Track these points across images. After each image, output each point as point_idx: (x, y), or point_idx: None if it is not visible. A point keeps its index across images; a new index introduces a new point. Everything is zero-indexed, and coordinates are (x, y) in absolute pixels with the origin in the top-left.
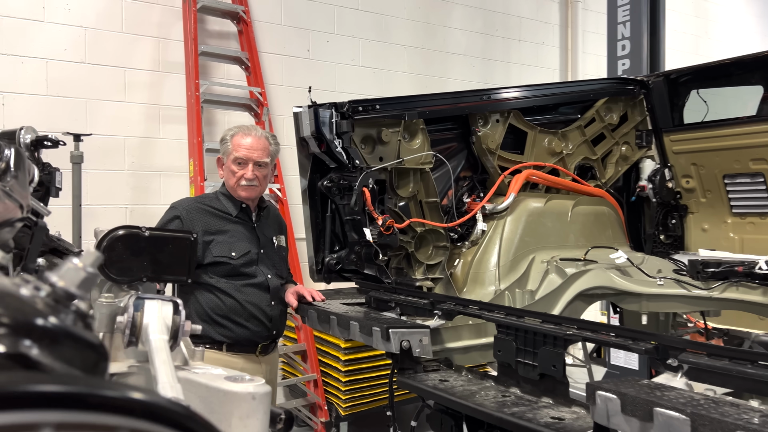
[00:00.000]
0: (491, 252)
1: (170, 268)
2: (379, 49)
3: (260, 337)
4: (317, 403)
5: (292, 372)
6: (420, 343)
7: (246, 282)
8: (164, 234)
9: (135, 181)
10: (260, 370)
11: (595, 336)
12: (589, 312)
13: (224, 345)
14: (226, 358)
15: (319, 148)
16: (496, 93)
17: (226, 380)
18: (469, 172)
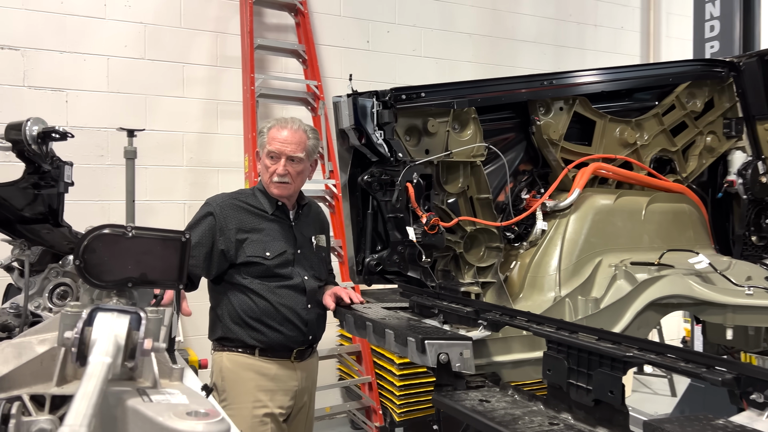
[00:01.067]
0: (552, 254)
1: (159, 271)
2: (443, 38)
3: (295, 342)
4: (372, 407)
5: (348, 373)
6: (460, 357)
7: (281, 284)
8: (151, 234)
9: (193, 176)
10: (295, 377)
11: (661, 360)
12: (671, 318)
13: (257, 349)
14: (258, 363)
15: (359, 140)
16: (559, 78)
17: (175, 415)
18: (529, 166)
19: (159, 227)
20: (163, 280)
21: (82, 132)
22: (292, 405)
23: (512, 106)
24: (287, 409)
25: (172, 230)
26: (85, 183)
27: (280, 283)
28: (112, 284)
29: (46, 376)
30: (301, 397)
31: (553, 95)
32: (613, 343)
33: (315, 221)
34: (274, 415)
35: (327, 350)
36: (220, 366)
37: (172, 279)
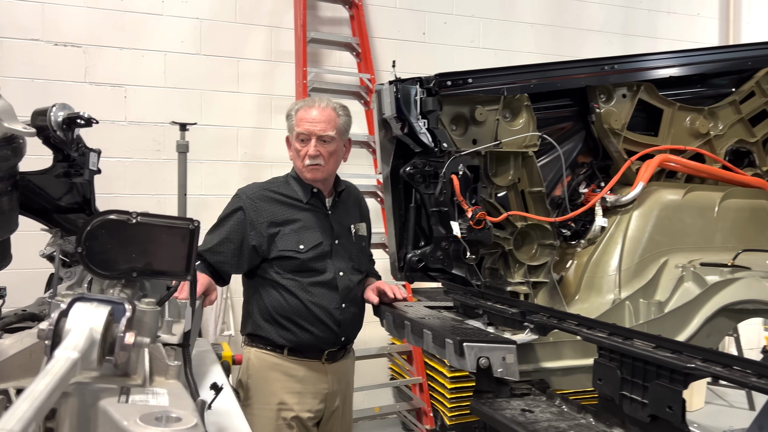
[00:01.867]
0: (612, 253)
1: (164, 261)
2: (502, 28)
3: (326, 344)
4: (422, 409)
5: (400, 373)
6: (502, 362)
7: (314, 280)
8: (157, 222)
9: (247, 171)
10: (325, 380)
11: (728, 373)
12: (750, 325)
13: (286, 349)
14: (286, 364)
15: (402, 129)
16: (622, 62)
17: (141, 420)
18: (588, 158)
19: (168, 214)
20: (170, 270)
21: (140, 126)
22: (322, 408)
23: (570, 93)
24: (317, 413)
25: (181, 217)
26: (142, 177)
27: (314, 279)
28: (116, 273)
29: (34, 370)
30: (333, 401)
31: (616, 81)
32: (673, 352)
33: (354, 208)
34: (301, 420)
35: (377, 349)
36: (247, 363)
37: (179, 269)
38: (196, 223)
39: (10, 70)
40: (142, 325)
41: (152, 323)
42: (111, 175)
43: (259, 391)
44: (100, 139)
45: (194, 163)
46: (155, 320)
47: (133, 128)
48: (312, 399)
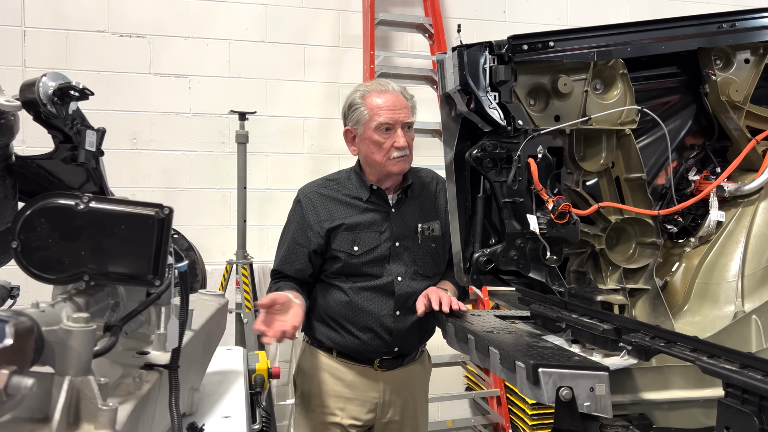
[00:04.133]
0: (731, 254)
1: (124, 260)
2: (593, 2)
3: (375, 352)
4: (500, 424)
5: (477, 384)
6: (590, 394)
7: (367, 284)
8: (114, 209)
9: (314, 164)
10: (377, 388)
11: None
12: None
13: (334, 351)
14: (335, 366)
15: (468, 105)
16: (744, 18)
17: None
18: (700, 139)
19: (135, 200)
20: (131, 273)
21: (204, 118)
22: (371, 419)
23: (677, 59)
24: (365, 422)
25: (150, 203)
26: (206, 170)
27: (367, 283)
28: (63, 277)
29: None
30: (385, 412)
31: (736, 42)
32: None
33: (428, 203)
34: (344, 427)
35: (449, 356)
36: (301, 359)
37: (143, 270)
38: (167, 210)
39: (77, 62)
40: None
41: (83, 349)
42: (175, 169)
43: (307, 391)
44: (166, 131)
45: (259, 155)
46: (87, 345)
47: (198, 120)
48: (359, 407)
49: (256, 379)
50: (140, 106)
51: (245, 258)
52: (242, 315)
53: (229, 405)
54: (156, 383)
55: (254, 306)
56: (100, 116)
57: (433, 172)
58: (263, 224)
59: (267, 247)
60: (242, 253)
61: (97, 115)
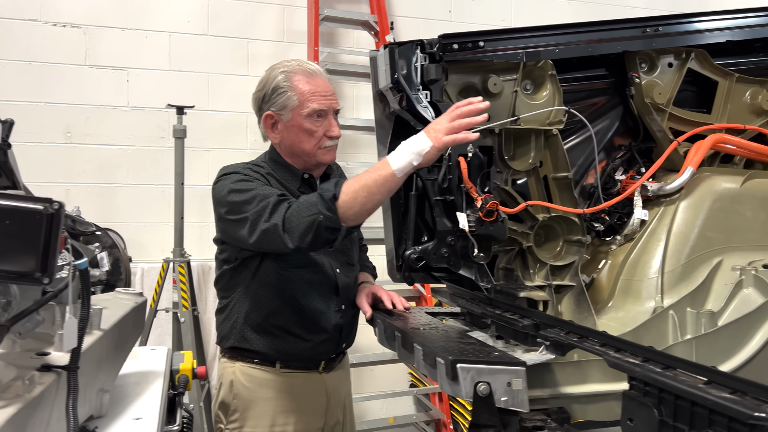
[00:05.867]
0: (653, 252)
1: (9, 257)
2: (536, 4)
3: (325, 352)
4: (442, 420)
5: (420, 381)
6: (507, 389)
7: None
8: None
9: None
10: (324, 392)
11: None
12: None
13: (278, 362)
14: (280, 379)
15: (400, 103)
16: (668, 23)
17: None
18: (626, 139)
19: (19, 193)
20: (18, 270)
21: (143, 112)
22: (322, 426)
23: (604, 61)
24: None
25: (37, 197)
26: (145, 166)
27: (314, 277)
28: None
29: None
30: (333, 414)
31: (660, 46)
32: (734, 392)
33: None
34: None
35: (393, 353)
36: (232, 381)
37: (30, 269)
38: (57, 205)
39: (5, 52)
40: None
41: None
42: (112, 164)
43: (249, 413)
44: (102, 125)
45: (200, 151)
46: None
47: (136, 114)
48: (311, 416)
49: (179, 380)
50: (75, 98)
51: (182, 256)
52: (179, 314)
53: (142, 406)
54: (52, 385)
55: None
56: (32, 108)
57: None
58: (204, 221)
59: (207, 246)
60: (179, 251)
61: (29, 108)
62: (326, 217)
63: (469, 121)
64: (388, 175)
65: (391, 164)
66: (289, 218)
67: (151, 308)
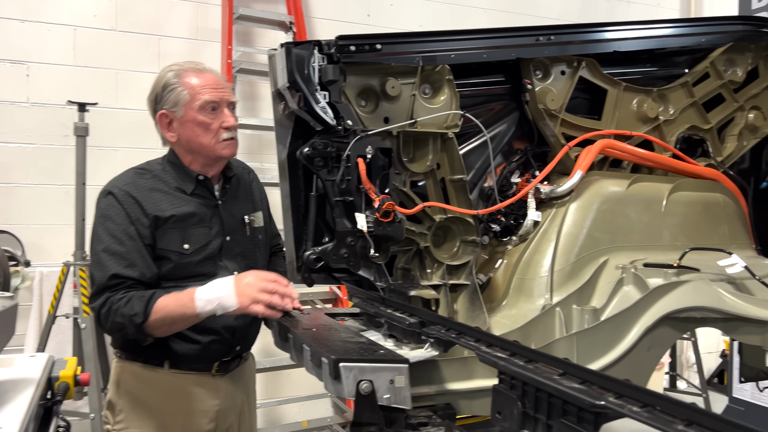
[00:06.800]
0: (544, 251)
1: None
2: (454, 12)
3: (217, 354)
4: None
5: None
6: (391, 386)
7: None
8: None
9: None
10: (216, 395)
11: (649, 415)
12: (707, 334)
13: (167, 362)
14: (167, 379)
15: (299, 103)
16: (560, 32)
17: None
18: (522, 143)
19: None
20: None
21: (44, 109)
22: (213, 429)
23: (502, 68)
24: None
25: None
26: (46, 165)
27: (203, 283)
28: None
29: None
30: (226, 419)
31: (552, 54)
32: (583, 383)
33: (246, 194)
34: None
35: None
36: (118, 380)
37: None
38: None
39: None
40: None
41: None
42: (10, 163)
43: (133, 413)
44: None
45: (108, 150)
46: None
47: (37, 110)
48: (200, 418)
49: (58, 387)
50: None
51: (84, 259)
52: (79, 320)
53: (5, 417)
54: None
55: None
56: None
57: (241, 162)
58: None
59: None
60: (81, 254)
61: None
62: (134, 333)
63: (279, 302)
64: (191, 314)
65: (196, 306)
66: (104, 314)
67: (50, 314)
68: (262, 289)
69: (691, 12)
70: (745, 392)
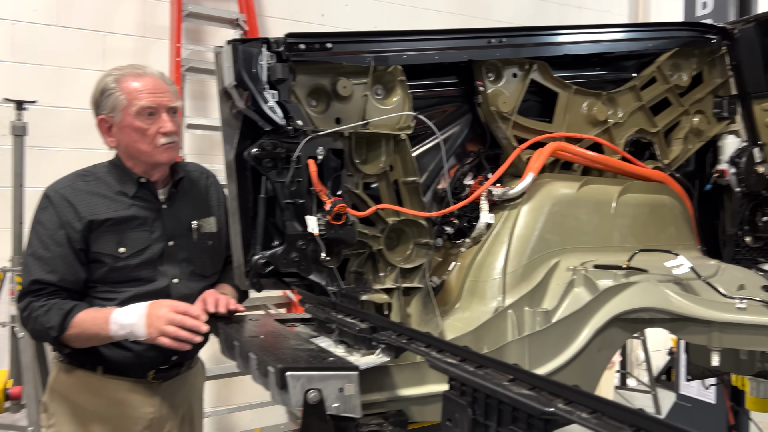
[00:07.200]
0: (497, 253)
1: None
2: (409, 14)
3: (151, 363)
4: None
5: None
6: (340, 395)
7: (138, 291)
8: None
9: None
10: (151, 402)
11: (598, 422)
12: (656, 332)
13: (100, 367)
14: (99, 384)
15: (246, 102)
16: (512, 35)
17: None
18: (475, 146)
19: None
20: None
21: None
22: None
23: (455, 70)
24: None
25: None
26: None
27: (139, 289)
28: None
29: None
30: (162, 427)
31: (504, 57)
32: (533, 388)
33: (201, 199)
34: None
35: None
36: (53, 382)
37: None
38: None
39: None
40: None
41: None
42: None
43: (63, 416)
44: None
45: (49, 150)
46: None
47: None
48: (132, 425)
49: None
50: None
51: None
52: (16, 329)
53: None
54: None
55: None
56: None
57: (201, 166)
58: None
59: None
60: (18, 260)
61: None
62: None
63: (185, 335)
64: (104, 336)
65: (110, 329)
66: (24, 318)
67: None
68: (170, 321)
69: (638, 18)
70: (691, 389)
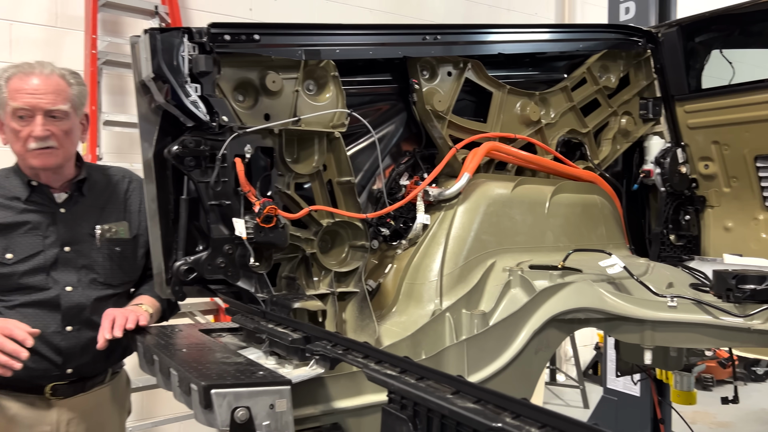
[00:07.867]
0: (434, 255)
1: None
2: (339, 11)
3: (44, 377)
4: None
5: None
6: (271, 411)
7: (27, 299)
8: None
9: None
10: (48, 419)
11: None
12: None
13: None
14: None
15: (165, 96)
16: (447, 33)
17: None
18: (411, 145)
19: None
20: None
21: None
22: None
23: (390, 67)
24: None
25: None
26: None
27: (27, 298)
28: None
29: None
30: None
31: (438, 54)
32: (477, 401)
33: (114, 204)
34: None
35: None
36: None
37: None
38: None
39: None
40: None
41: None
42: None
43: None
44: None
45: None
46: None
47: None
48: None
49: None
50: None
51: None
52: None
53: None
54: None
55: None
56: None
57: (126, 171)
58: None
59: None
60: None
61: None
62: None
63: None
64: None
65: None
66: None
67: None
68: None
69: (564, 21)
70: (617, 383)
